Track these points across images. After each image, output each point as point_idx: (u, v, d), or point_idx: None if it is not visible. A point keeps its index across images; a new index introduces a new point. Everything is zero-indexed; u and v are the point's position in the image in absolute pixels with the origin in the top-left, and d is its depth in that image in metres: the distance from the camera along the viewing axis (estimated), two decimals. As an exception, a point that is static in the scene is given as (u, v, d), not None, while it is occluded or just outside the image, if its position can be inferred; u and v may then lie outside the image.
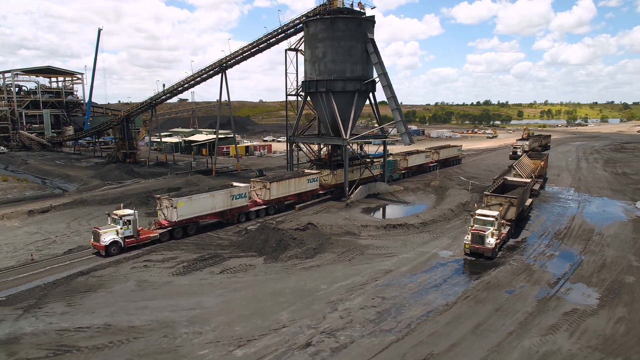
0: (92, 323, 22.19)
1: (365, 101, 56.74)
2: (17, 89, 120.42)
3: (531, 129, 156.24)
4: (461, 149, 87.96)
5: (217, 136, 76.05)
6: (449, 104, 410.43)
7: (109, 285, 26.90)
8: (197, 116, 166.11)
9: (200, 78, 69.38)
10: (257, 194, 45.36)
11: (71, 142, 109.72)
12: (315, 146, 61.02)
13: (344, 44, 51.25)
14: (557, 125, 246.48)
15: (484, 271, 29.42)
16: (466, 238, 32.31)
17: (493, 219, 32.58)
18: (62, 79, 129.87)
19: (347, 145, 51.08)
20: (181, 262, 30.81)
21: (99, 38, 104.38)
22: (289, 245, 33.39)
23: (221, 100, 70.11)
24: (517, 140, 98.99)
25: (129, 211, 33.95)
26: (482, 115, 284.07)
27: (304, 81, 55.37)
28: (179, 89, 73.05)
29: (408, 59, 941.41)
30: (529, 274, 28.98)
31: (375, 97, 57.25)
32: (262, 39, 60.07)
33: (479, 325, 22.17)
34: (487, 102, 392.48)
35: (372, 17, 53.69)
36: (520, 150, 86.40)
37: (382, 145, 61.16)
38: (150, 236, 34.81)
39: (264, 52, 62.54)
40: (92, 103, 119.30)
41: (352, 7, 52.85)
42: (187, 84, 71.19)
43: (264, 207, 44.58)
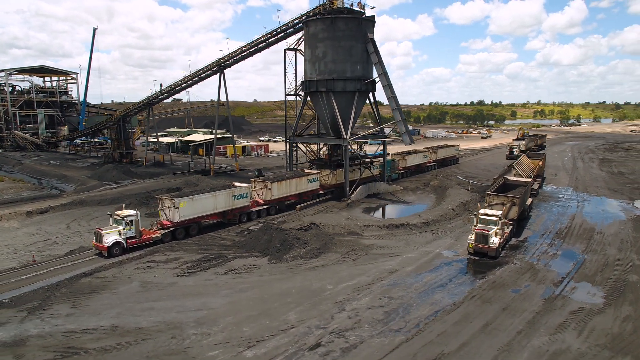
0: (98, 325, 21.95)
1: (365, 101, 56.78)
2: (10, 88, 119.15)
3: (525, 128, 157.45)
4: (459, 148, 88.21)
5: (216, 136, 75.82)
6: (443, 103, 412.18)
7: (114, 287, 26.65)
8: (191, 116, 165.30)
9: (198, 78, 69.04)
10: (258, 194, 45.20)
11: (66, 142, 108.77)
12: (314, 146, 60.94)
13: (344, 44, 51.23)
14: (551, 125, 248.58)
15: (488, 270, 29.50)
16: (470, 237, 32.41)
17: (496, 219, 32.71)
18: (56, 78, 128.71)
19: (347, 145, 51.08)
20: (185, 263, 30.60)
21: (94, 38, 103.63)
22: (293, 245, 33.31)
23: (219, 100, 69.86)
24: (513, 140, 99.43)
25: (132, 212, 33.66)
26: (476, 115, 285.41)
27: (304, 81, 55.24)
28: (176, 88, 72.61)
29: (401, 59, 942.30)
30: (534, 273, 29.11)
31: (375, 97, 57.39)
32: (261, 38, 59.90)
33: (488, 325, 22.22)
34: (481, 102, 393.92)
35: (372, 17, 53.72)
36: (517, 150, 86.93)
37: (381, 145, 61.20)
38: (153, 237, 34.56)
39: (262, 51, 62.44)
40: (86, 103, 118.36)
41: (352, 7, 52.84)
42: (184, 84, 70.78)
43: (265, 207, 44.45)
